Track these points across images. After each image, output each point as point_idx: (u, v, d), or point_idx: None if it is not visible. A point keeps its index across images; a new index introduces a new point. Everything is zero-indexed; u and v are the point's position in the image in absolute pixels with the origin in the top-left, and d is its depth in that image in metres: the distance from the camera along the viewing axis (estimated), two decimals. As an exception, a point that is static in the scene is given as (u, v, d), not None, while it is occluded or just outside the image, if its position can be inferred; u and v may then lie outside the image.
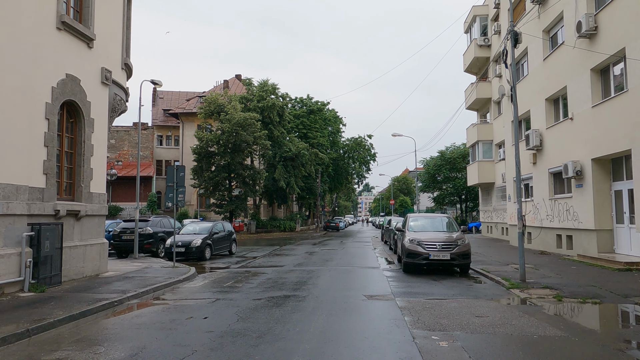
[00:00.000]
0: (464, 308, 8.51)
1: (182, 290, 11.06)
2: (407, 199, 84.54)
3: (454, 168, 51.42)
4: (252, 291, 10.57)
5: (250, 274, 13.78)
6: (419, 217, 16.19)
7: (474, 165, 34.08)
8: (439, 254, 13.10)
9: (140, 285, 11.09)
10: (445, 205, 60.27)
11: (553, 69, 19.10)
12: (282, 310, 8.34)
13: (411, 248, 13.48)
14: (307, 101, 54.24)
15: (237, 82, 55.14)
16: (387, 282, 11.86)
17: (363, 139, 61.02)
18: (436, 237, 13.78)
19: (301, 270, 14.62)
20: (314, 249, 24.01)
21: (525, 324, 7.30)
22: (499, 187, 31.33)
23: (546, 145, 19.95)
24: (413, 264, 13.54)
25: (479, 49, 32.49)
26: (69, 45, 11.89)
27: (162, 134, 54.36)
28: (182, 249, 18.28)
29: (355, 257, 19.46)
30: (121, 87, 14.72)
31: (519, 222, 11.67)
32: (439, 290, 10.52)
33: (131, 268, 14.62)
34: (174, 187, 15.25)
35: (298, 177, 44.10)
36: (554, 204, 19.16)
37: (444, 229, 14.86)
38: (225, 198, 37.67)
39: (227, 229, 21.24)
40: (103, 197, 13.50)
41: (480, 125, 33.53)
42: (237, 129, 35.35)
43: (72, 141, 12.42)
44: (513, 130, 13.80)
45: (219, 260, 18.63)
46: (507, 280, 11.42)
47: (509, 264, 15.40)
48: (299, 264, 16.59)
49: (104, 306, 8.74)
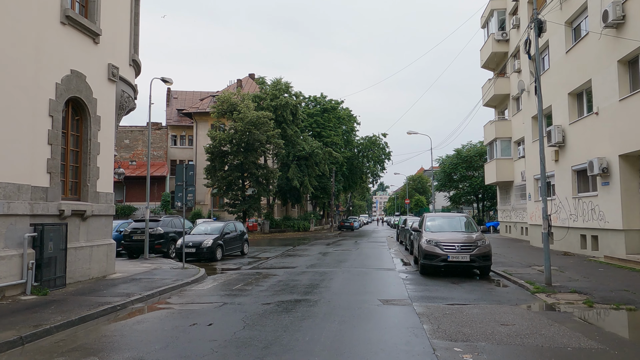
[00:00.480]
0: (487, 315, 7.91)
1: (190, 293, 10.63)
2: (423, 198, 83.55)
3: (471, 166, 50.48)
4: (261, 295, 10.09)
5: (261, 276, 13.31)
6: (436, 217, 15.55)
7: (492, 164, 33.21)
8: (457, 255, 12.47)
9: (147, 287, 10.69)
10: (462, 204, 59.27)
11: (576, 61, 18.29)
12: (292, 316, 7.84)
13: (428, 249, 12.87)
14: (320, 100, 53.73)
15: (250, 81, 54.90)
16: (403, 285, 11.29)
17: (377, 138, 60.31)
18: (455, 237, 13.15)
19: (314, 272, 14.11)
20: (327, 249, 23.49)
21: (556, 333, 6.68)
22: (518, 186, 30.45)
23: (569, 141, 19.13)
24: (430, 266, 12.94)
25: (496, 43, 31.63)
26: (74, 41, 11.54)
27: (176, 134, 54.33)
28: (192, 250, 17.91)
29: (369, 258, 18.90)
30: (129, 84, 14.37)
31: (544, 222, 11.00)
32: (458, 295, 9.92)
33: (140, 269, 14.26)
34: (183, 187, 14.86)
35: (312, 176, 43.62)
36: (578, 202, 18.34)
37: (463, 229, 14.22)
38: (238, 198, 37.38)
39: (239, 229, 20.83)
40: (110, 196, 13.16)
41: (498, 122, 32.67)
42: (250, 128, 35.00)
43: (77, 139, 12.08)
44: (538, 124, 13.08)
45: (231, 261, 18.22)
46: (531, 284, 10.76)
47: (531, 265, 14.70)
48: (312, 265, 16.09)
49: (106, 311, 8.33)
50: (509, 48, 31.12)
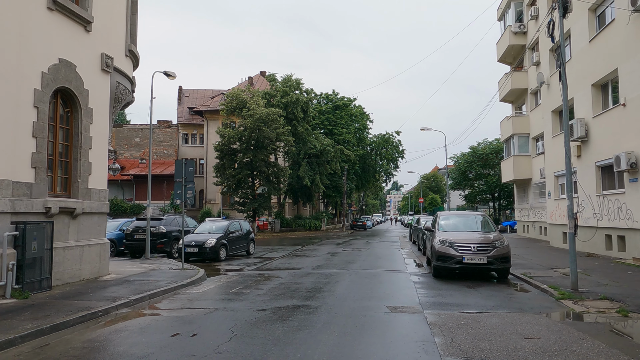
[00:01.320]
0: (507, 325, 6.99)
1: (183, 297, 9.87)
2: (437, 197, 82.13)
3: (487, 164, 49.22)
4: (258, 299, 9.28)
5: (263, 278, 12.52)
6: (451, 216, 14.57)
7: (509, 161, 32.01)
8: (473, 257, 11.53)
9: (138, 290, 9.96)
10: (477, 203, 57.92)
11: (601, 50, 17.15)
12: (287, 326, 7.01)
13: (442, 250, 11.95)
14: (332, 97, 52.82)
15: (261, 78, 54.23)
16: (414, 290, 10.39)
17: (391, 136, 59.15)
18: (470, 237, 12.20)
19: (319, 274, 13.27)
20: (337, 249, 22.64)
21: (590, 350, 5.75)
22: (536, 184, 29.23)
23: (593, 135, 17.99)
24: (444, 268, 12.01)
25: (513, 36, 30.46)
26: (63, 28, 10.86)
27: (187, 132, 53.93)
28: (195, 250, 17.22)
29: (380, 258, 18.00)
30: (125, 75, 13.68)
31: (570, 220, 10.01)
32: (475, 301, 8.99)
33: (137, 270, 13.58)
34: (182, 183, 14.14)
35: (323, 174, 42.75)
36: (603, 200, 17.21)
37: (479, 229, 13.25)
38: (248, 196, 36.69)
39: (244, 228, 20.08)
40: (104, 193, 12.48)
41: (515, 117, 31.45)
42: (259, 125, 34.26)
43: (68, 133, 11.42)
44: (558, 118, 12.03)
45: (235, 261, 17.48)
46: (555, 289, 9.79)
47: (553, 267, 13.68)
48: (318, 266, 15.25)
49: (84, 318, 7.60)
50: (526, 40, 29.93)
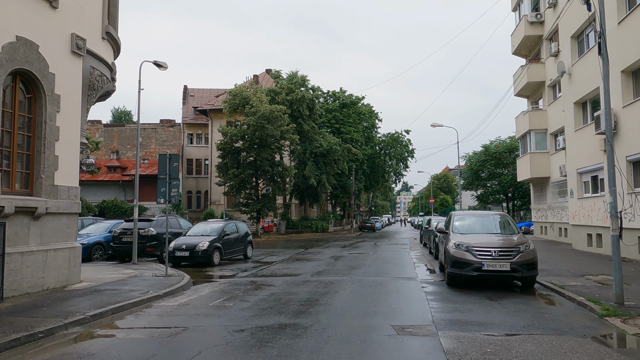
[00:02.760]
0: (547, 355, 5.44)
1: (153, 311, 8.42)
2: (448, 198, 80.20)
3: (500, 163, 47.44)
4: (239, 315, 7.80)
5: (254, 287, 11.04)
6: (467, 216, 12.96)
7: (525, 158, 30.24)
8: (495, 263, 9.95)
9: (103, 303, 8.54)
10: (490, 203, 56.06)
11: (633, 33, 15.48)
12: (263, 354, 5.51)
13: (458, 255, 10.39)
14: (340, 95, 51.27)
15: (267, 76, 52.89)
16: (426, 302, 8.84)
17: (400, 135, 57.42)
18: (490, 241, 10.64)
19: (318, 281, 11.76)
20: (342, 252, 21.11)
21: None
22: (555, 182, 27.46)
23: (623, 127, 16.30)
24: (460, 276, 10.44)
25: (529, 26, 28.75)
26: (22, 2, 9.51)
27: (192, 132, 52.77)
28: (186, 253, 15.82)
29: (388, 263, 16.45)
30: (102, 61, 12.28)
31: (614, 221, 8.39)
32: (500, 318, 7.44)
33: (116, 277, 12.18)
34: (166, 180, 12.71)
35: (330, 174, 41.20)
36: (635, 199, 15.52)
37: (499, 231, 11.66)
38: (252, 197, 35.27)
39: (241, 230, 18.64)
40: (75, 191, 11.09)
41: (532, 112, 29.69)
42: (262, 123, 32.83)
43: (30, 122, 10.05)
44: (602, 92, 10.48)
45: (229, 266, 16.04)
46: (595, 303, 8.19)
47: (584, 274, 12.05)
48: (319, 272, 13.75)
49: (18, 342, 6.16)
50: (543, 31, 28.22)
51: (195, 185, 50.17)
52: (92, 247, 18.04)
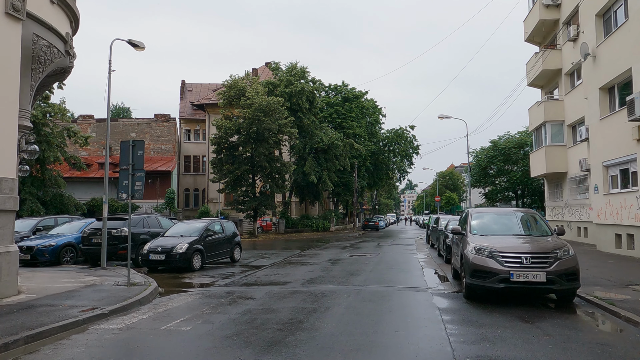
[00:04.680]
0: None
1: (82, 339, 6.41)
2: (454, 196, 77.99)
3: (509, 159, 45.23)
4: (190, 348, 5.80)
5: (228, 300, 9.04)
6: (486, 213, 10.83)
7: (539, 152, 28.09)
8: (526, 273, 7.91)
9: (18, 328, 6.55)
10: (499, 201, 53.89)
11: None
12: None
13: (479, 262, 8.34)
14: (342, 88, 49.18)
15: (267, 70, 50.91)
16: (442, 326, 6.81)
17: (405, 130, 55.30)
18: (519, 244, 8.61)
19: (307, 293, 9.75)
20: (341, 254, 19.09)
21: None
22: (573, 178, 25.33)
23: (662, 112, 14.20)
24: (482, 288, 8.40)
25: (545, 10, 26.65)
26: None
27: (189, 128, 50.98)
28: (161, 257, 13.86)
29: (392, 268, 14.42)
30: (52, 29, 10.27)
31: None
32: (548, 354, 5.39)
33: (67, 286, 10.21)
34: (129, 172, 10.72)
35: (331, 170, 39.15)
36: (678, 194, 13.42)
37: (528, 231, 9.61)
38: (248, 194, 33.26)
39: (228, 230, 16.64)
40: (10, 183, 9.10)
41: (547, 102, 27.54)
42: (258, 115, 30.81)
43: (-54, 97, 8.10)
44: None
45: (211, 271, 14.08)
46: (668, 329, 6.14)
47: (627, 284, 9.99)
48: (311, 280, 11.74)
49: None
50: (560, 14, 26.14)
51: (192, 183, 48.29)
52: (62, 249, 16.09)
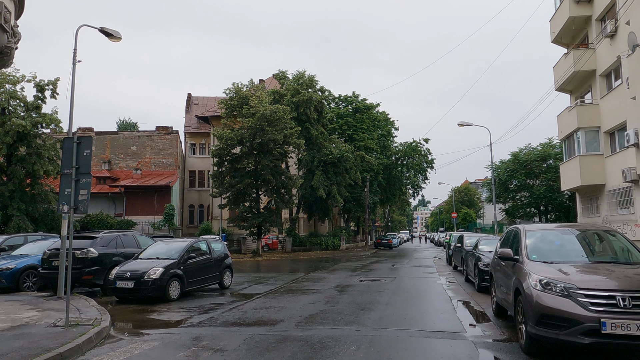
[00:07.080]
0: None
1: None
2: (472, 212, 74.72)
3: (531, 173, 42.29)
4: None
5: (189, 354, 6.46)
6: (544, 231, 7.97)
7: (572, 163, 25.23)
8: (626, 322, 5.23)
9: None
10: (520, 218, 50.78)
11: None
12: None
13: (549, 304, 5.66)
14: (352, 99, 46.88)
15: (274, 81, 48.94)
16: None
17: (419, 144, 52.75)
18: (606, 277, 5.93)
19: (301, 341, 7.11)
20: (351, 279, 16.38)
21: None
22: (612, 191, 22.42)
23: None
24: (555, 342, 5.71)
25: (575, 6, 24.10)
26: None
27: (195, 142, 48.87)
28: (130, 284, 11.32)
29: (413, 299, 11.69)
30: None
31: None
32: None
33: (-13, 328, 7.72)
34: (71, 177, 8.26)
35: (341, 185, 36.56)
36: None
37: (611, 257, 6.92)
38: (251, 210, 30.77)
39: (216, 252, 14.06)
40: None
41: (580, 107, 24.77)
42: (262, 125, 28.49)
43: None
44: None
45: (191, 301, 11.50)
46: None
47: None
48: (310, 317, 9.10)
49: None
50: (592, 10, 23.58)
51: (197, 199, 45.91)
52: (22, 272, 13.67)
